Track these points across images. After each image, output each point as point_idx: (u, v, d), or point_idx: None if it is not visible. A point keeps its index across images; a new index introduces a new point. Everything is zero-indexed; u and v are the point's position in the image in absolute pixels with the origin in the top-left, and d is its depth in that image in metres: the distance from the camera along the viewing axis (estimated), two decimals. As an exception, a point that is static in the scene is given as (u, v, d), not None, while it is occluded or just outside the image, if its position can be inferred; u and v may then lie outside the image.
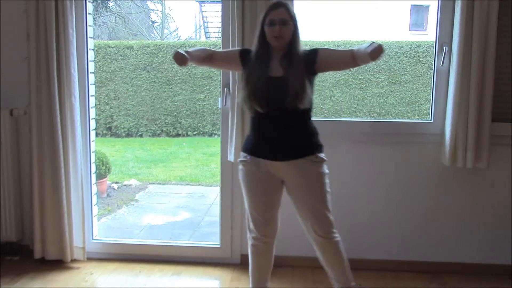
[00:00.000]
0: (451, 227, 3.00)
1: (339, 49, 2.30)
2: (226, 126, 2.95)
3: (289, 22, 2.19)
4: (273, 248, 2.40)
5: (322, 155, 2.30)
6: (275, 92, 2.18)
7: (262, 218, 2.31)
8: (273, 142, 2.24)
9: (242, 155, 2.34)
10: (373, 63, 2.06)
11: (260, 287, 2.42)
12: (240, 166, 2.34)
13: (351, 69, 8.38)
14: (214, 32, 12.02)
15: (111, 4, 12.88)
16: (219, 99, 2.99)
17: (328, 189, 2.29)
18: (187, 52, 2.19)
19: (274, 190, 2.32)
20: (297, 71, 2.18)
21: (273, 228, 2.35)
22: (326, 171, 2.30)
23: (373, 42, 2.07)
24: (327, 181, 2.29)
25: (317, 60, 2.23)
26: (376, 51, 2.04)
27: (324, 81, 8.29)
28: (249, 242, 2.38)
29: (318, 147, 2.30)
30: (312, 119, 2.31)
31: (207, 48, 2.39)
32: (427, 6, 11.75)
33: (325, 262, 2.37)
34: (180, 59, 2.16)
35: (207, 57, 2.34)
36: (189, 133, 9.52)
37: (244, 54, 2.33)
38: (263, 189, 2.30)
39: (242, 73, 2.33)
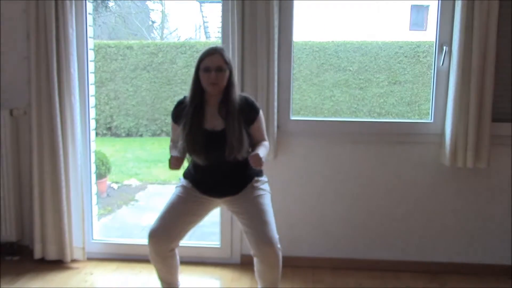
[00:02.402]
0: (451, 227, 3.00)
1: (263, 130, 2.36)
2: (226, 126, 2.94)
3: (225, 69, 2.20)
4: (171, 256, 2.38)
5: (262, 178, 2.36)
6: (214, 146, 2.22)
7: (164, 227, 2.30)
8: (213, 185, 2.31)
9: (184, 181, 2.38)
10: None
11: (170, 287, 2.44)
12: (179, 189, 2.38)
13: (350, 69, 8.39)
14: (214, 32, 12.01)
15: (111, 4, 12.86)
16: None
17: (270, 207, 2.30)
18: (177, 154, 2.22)
19: (199, 216, 2.36)
20: (235, 123, 2.20)
21: (170, 240, 2.32)
22: (267, 189, 2.35)
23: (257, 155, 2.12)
24: (268, 199, 2.32)
25: (254, 122, 2.29)
26: (255, 159, 2.11)
27: (324, 81, 8.29)
28: (148, 247, 2.34)
29: (256, 174, 2.34)
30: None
31: (172, 145, 2.40)
32: (427, 6, 11.74)
33: (260, 273, 2.35)
34: (178, 163, 2.21)
35: (180, 154, 2.30)
36: (189, 133, 9.51)
37: (176, 115, 2.34)
38: (182, 211, 2.33)
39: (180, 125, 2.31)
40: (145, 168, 7.48)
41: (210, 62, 2.19)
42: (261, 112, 2.34)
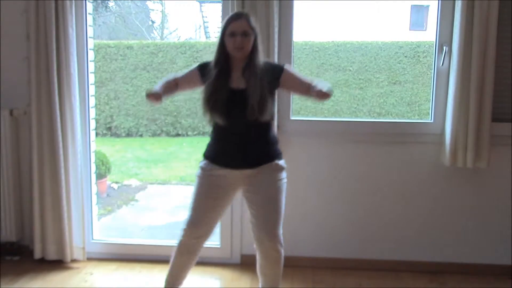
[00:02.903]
0: (451, 227, 3.00)
1: (301, 76, 2.31)
2: (226, 126, 2.94)
3: (250, 34, 2.20)
4: (197, 251, 2.38)
5: (281, 162, 2.32)
6: (235, 105, 2.20)
7: (200, 219, 2.30)
8: (233, 152, 2.27)
9: (202, 162, 2.35)
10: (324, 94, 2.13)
11: (172, 287, 2.43)
12: (200, 171, 2.35)
13: (350, 69, 8.39)
14: (214, 32, 12.01)
15: (111, 4, 12.86)
16: (219, 99, 2.98)
17: (284, 198, 2.29)
18: (157, 91, 2.19)
19: (225, 199, 2.34)
20: (258, 84, 2.18)
21: (202, 232, 2.32)
22: (285, 178, 2.32)
23: (328, 87, 2.11)
24: (284, 190, 2.30)
25: (281, 78, 2.27)
26: (325, 93, 2.08)
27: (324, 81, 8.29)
28: (178, 238, 2.35)
29: (277, 155, 2.32)
30: (273, 128, 2.34)
31: (169, 78, 2.36)
32: (427, 6, 11.74)
33: (261, 268, 2.36)
34: (155, 97, 2.17)
35: (174, 86, 2.32)
36: (189, 133, 9.51)
37: (202, 68, 2.33)
38: (215, 195, 2.31)
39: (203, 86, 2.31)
40: (145, 168, 7.48)
41: (236, 27, 2.18)
42: (287, 66, 2.31)
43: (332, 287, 2.82)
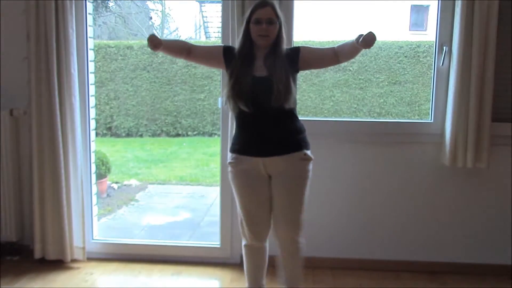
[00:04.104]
0: (451, 227, 3.00)
1: (320, 47, 2.33)
2: (226, 126, 2.95)
3: (275, 21, 2.19)
4: (267, 247, 2.40)
5: (309, 152, 2.30)
6: (260, 92, 2.18)
7: (252, 217, 2.31)
8: (260, 139, 2.24)
9: (230, 156, 2.33)
10: (363, 52, 2.11)
11: (257, 287, 2.42)
12: (229, 168, 2.33)
13: (350, 69, 8.38)
14: (214, 32, 12.01)
15: (111, 4, 12.86)
16: (219, 99, 2.99)
17: (307, 190, 2.29)
18: (163, 40, 2.18)
19: (263, 188, 2.31)
20: (282, 70, 2.17)
21: (264, 227, 2.34)
22: (311, 170, 2.30)
23: (360, 35, 2.08)
24: (308, 181, 2.29)
25: (299, 59, 2.25)
26: (370, 38, 2.06)
27: (324, 81, 8.29)
28: (243, 242, 2.38)
29: (305, 144, 2.30)
30: (298, 117, 2.32)
31: (186, 41, 2.37)
32: (427, 6, 11.74)
33: (282, 261, 2.38)
34: (153, 42, 2.16)
35: (184, 50, 2.31)
36: (189, 133, 9.52)
37: (227, 51, 2.31)
38: (253, 188, 2.29)
39: (227, 71, 2.30)
40: (145, 168, 7.47)
41: (261, 14, 2.17)
42: (302, 46, 2.30)
43: (332, 287, 2.82)
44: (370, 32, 2.06)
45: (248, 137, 2.27)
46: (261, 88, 2.18)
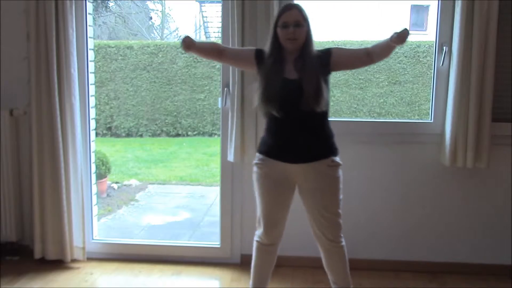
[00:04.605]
0: (451, 227, 3.00)
1: (352, 48, 2.33)
2: (226, 126, 2.95)
3: (303, 24, 2.17)
4: (277, 249, 2.41)
5: (337, 159, 2.29)
6: (290, 95, 2.16)
7: (271, 219, 2.31)
8: (289, 145, 2.23)
9: (258, 157, 2.32)
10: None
11: (261, 286, 2.42)
12: (255, 168, 2.32)
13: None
14: (214, 32, 12.01)
15: (111, 4, 12.87)
16: (219, 99, 2.99)
17: (341, 193, 2.29)
18: (192, 40, 2.19)
19: (287, 193, 2.32)
20: (312, 73, 2.16)
21: (279, 229, 2.35)
22: (341, 175, 2.29)
23: (395, 33, 2.08)
24: (341, 185, 2.28)
25: (330, 61, 2.23)
26: (404, 34, 2.05)
27: (324, 81, 8.29)
28: (255, 238, 2.39)
29: (333, 151, 2.29)
30: (328, 120, 2.30)
31: (218, 43, 2.38)
32: (427, 6, 11.74)
33: (328, 265, 2.39)
34: (187, 43, 2.17)
35: (215, 51, 2.32)
36: (189, 133, 9.52)
37: (259, 54, 2.30)
38: (276, 191, 2.29)
39: (258, 74, 2.29)
40: (145, 168, 7.48)
41: (288, 18, 2.15)
42: (334, 47, 2.28)
43: (332, 287, 2.82)
44: (405, 28, 2.06)
45: (276, 141, 2.26)
46: (291, 92, 2.17)
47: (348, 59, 2.30)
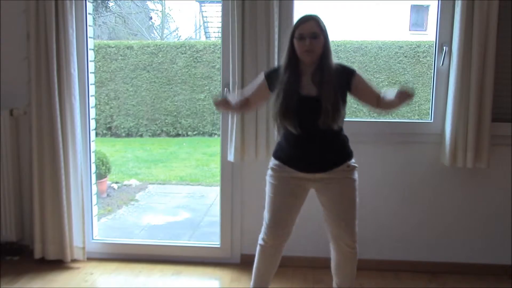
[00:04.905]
0: (451, 227, 3.00)
1: (371, 84, 2.30)
2: (226, 126, 2.95)
3: (320, 35, 2.14)
4: (281, 252, 2.37)
5: (353, 162, 2.30)
6: (308, 114, 2.15)
7: (280, 218, 2.28)
8: (306, 156, 2.23)
9: (274, 162, 2.31)
10: (394, 105, 2.18)
11: (262, 287, 2.42)
12: (270, 171, 2.31)
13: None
14: (214, 32, 12.01)
15: (111, 4, 12.87)
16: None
17: (357, 197, 2.28)
18: (225, 98, 2.18)
19: (300, 197, 2.32)
20: (330, 89, 2.13)
21: (286, 231, 2.31)
22: (357, 178, 2.29)
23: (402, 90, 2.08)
24: (357, 188, 2.28)
25: (352, 83, 2.21)
26: (406, 92, 2.05)
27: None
28: (259, 241, 2.36)
29: (349, 156, 2.29)
30: (343, 129, 2.30)
31: (245, 95, 2.34)
32: (427, 6, 11.75)
33: (338, 268, 2.37)
34: (222, 104, 2.15)
35: (244, 103, 2.30)
36: (189, 133, 9.52)
37: (269, 76, 2.28)
38: (290, 195, 2.28)
39: (272, 92, 2.26)
40: (145, 168, 7.48)
41: (305, 29, 2.12)
42: (357, 71, 2.24)
43: (332, 287, 2.82)
44: (410, 89, 2.06)
45: (293, 152, 2.25)
46: (308, 109, 2.15)
47: (365, 90, 2.26)
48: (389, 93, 2.15)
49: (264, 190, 2.38)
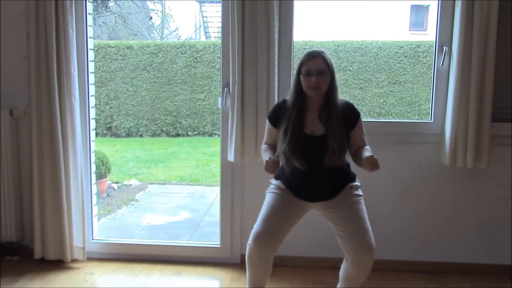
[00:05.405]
0: (451, 227, 3.00)
1: (364, 135, 2.32)
2: (226, 126, 2.95)
3: (326, 72, 2.16)
4: (271, 259, 2.31)
5: (356, 182, 2.32)
6: (313, 151, 2.18)
7: (271, 227, 2.23)
8: (309, 189, 2.26)
9: (277, 182, 2.33)
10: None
11: (258, 287, 2.41)
12: (273, 186, 2.33)
13: (350, 69, 8.38)
14: (214, 32, 12.01)
15: (111, 4, 12.87)
16: (219, 99, 2.99)
17: (365, 210, 2.28)
18: (273, 159, 2.15)
19: (297, 216, 2.32)
20: (337, 128, 2.17)
21: (276, 243, 2.25)
22: (361, 193, 2.31)
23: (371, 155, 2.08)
24: (362, 203, 2.29)
25: (356, 125, 2.26)
26: (373, 162, 2.05)
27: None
28: (247, 248, 2.27)
29: (351, 179, 2.32)
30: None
31: (266, 148, 2.35)
32: (427, 6, 11.75)
33: (350, 277, 2.33)
34: (272, 166, 2.11)
35: (274, 150, 2.30)
36: (189, 133, 9.52)
37: (273, 117, 2.31)
38: (287, 210, 2.28)
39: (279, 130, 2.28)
40: (145, 168, 7.48)
41: (312, 66, 2.15)
42: (361, 116, 2.31)
43: (332, 287, 2.82)
44: (375, 160, 2.07)
45: (297, 183, 2.28)
46: (316, 146, 2.18)
47: (359, 137, 2.28)
48: (367, 152, 2.17)
49: (264, 190, 2.39)
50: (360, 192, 2.32)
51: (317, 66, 2.15)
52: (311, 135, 2.20)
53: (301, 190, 2.28)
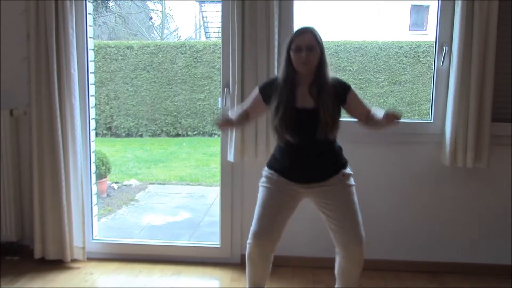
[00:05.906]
0: (451, 227, 3.00)
1: (363, 102, 2.35)
2: (226, 126, 2.94)
3: (316, 48, 2.17)
4: (271, 258, 2.34)
5: (348, 170, 2.32)
6: (307, 125, 2.18)
7: (269, 222, 2.26)
8: (301, 168, 2.25)
9: (269, 171, 2.33)
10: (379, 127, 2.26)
11: (257, 287, 2.41)
12: (264, 178, 2.33)
13: (350, 69, 8.37)
14: (214, 32, 12.02)
15: (111, 4, 12.87)
16: (219, 99, 2.99)
17: (356, 201, 2.28)
18: (226, 116, 2.18)
19: (290, 207, 2.32)
20: (328, 102, 2.17)
21: (274, 239, 2.28)
22: (353, 183, 2.31)
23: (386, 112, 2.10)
24: (354, 193, 2.29)
25: (347, 99, 2.26)
26: (393, 115, 2.07)
27: (324, 81, 8.29)
28: (247, 247, 2.31)
29: (343, 165, 2.32)
30: (336, 139, 2.32)
31: (239, 111, 2.35)
32: (427, 6, 11.75)
33: (346, 274, 2.35)
34: (225, 123, 2.15)
35: (244, 116, 2.32)
36: (189, 133, 9.52)
37: (264, 89, 2.31)
38: (280, 204, 2.28)
39: (269, 106, 2.28)
40: (145, 168, 7.48)
41: (301, 42, 2.15)
42: (352, 87, 2.30)
43: (332, 287, 2.82)
44: (398, 111, 2.09)
45: (288, 163, 2.28)
46: (307, 121, 2.18)
47: (358, 106, 2.30)
48: (378, 112, 2.19)
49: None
50: (352, 181, 2.31)
51: (307, 41, 2.16)
52: (303, 108, 2.20)
53: (293, 170, 2.26)
